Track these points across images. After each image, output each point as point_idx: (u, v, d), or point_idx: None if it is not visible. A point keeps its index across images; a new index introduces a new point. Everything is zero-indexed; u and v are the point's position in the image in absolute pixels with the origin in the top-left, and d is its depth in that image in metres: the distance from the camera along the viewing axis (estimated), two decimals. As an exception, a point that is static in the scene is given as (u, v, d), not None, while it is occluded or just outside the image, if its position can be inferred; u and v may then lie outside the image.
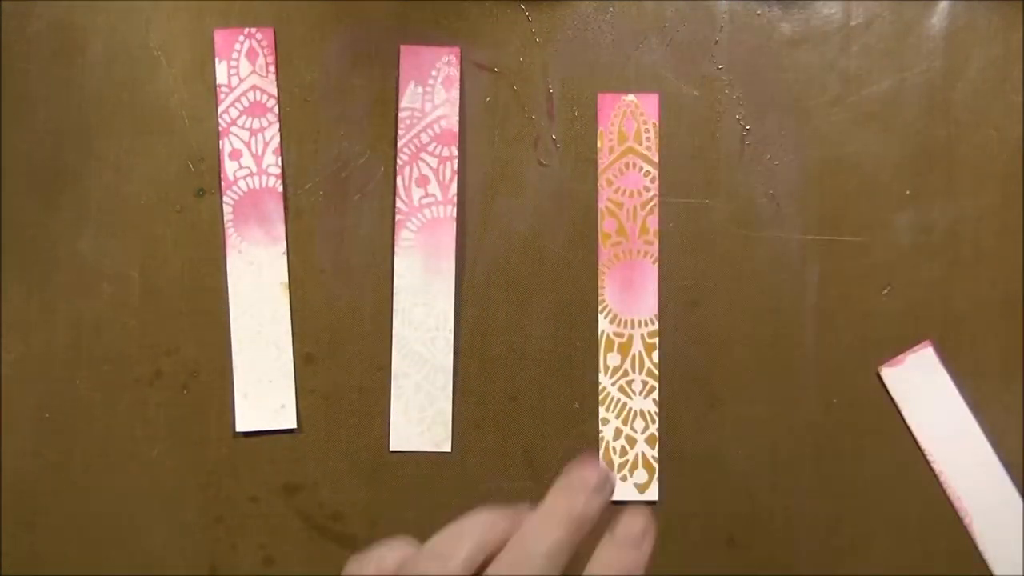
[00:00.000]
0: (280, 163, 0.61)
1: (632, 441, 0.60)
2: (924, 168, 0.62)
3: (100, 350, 0.61)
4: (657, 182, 0.61)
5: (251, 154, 0.61)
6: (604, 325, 0.61)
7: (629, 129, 0.62)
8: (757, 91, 0.62)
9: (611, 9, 0.63)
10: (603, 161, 0.62)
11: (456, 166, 0.58)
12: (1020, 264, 0.61)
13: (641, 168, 0.61)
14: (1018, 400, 0.60)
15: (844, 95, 0.62)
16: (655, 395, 0.60)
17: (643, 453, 0.60)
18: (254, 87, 0.62)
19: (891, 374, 0.60)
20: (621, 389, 0.60)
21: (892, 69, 0.62)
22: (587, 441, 0.60)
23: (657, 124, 0.62)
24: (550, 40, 0.62)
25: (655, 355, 0.60)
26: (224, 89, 0.62)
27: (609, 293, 0.61)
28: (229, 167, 0.61)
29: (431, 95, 0.55)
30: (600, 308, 0.61)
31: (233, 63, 0.62)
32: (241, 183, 0.61)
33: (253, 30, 0.62)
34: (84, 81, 0.62)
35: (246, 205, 0.61)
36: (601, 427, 0.60)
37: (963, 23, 0.62)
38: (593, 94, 0.62)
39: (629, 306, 0.61)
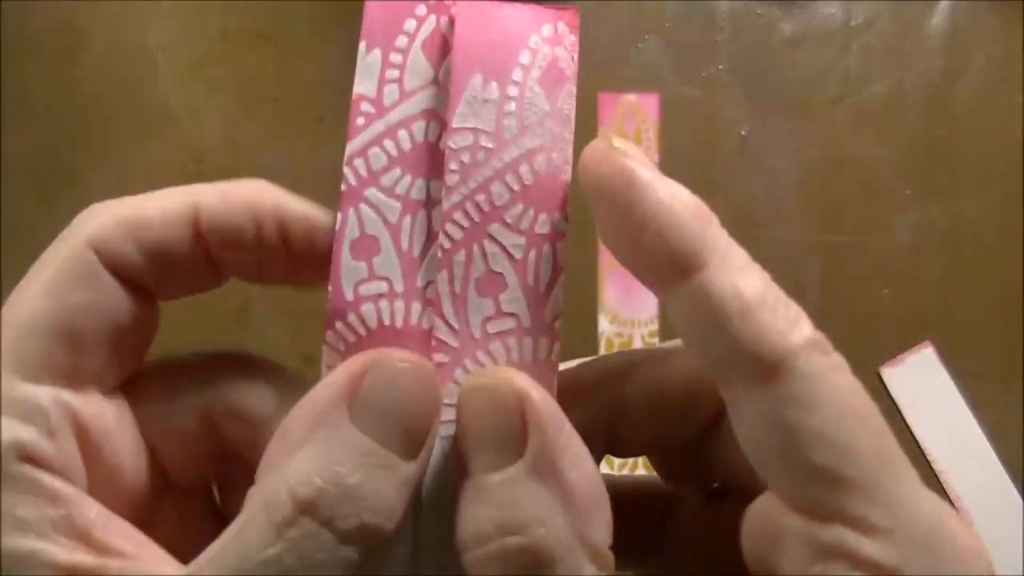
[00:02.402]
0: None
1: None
2: (924, 168, 0.62)
3: (100, 350, 0.61)
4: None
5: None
6: (604, 325, 0.61)
7: (629, 129, 0.62)
8: (757, 91, 0.62)
9: (611, 9, 0.63)
10: (603, 161, 0.62)
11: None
12: (1020, 264, 0.61)
13: (641, 168, 0.62)
14: (1018, 400, 0.60)
15: (844, 95, 0.62)
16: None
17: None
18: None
19: (891, 374, 0.60)
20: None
21: (892, 69, 0.62)
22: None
23: (657, 124, 0.62)
24: (550, 40, 0.62)
25: (655, 355, 0.61)
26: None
27: (609, 294, 0.61)
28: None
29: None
30: (600, 308, 0.61)
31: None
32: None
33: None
34: (84, 81, 0.62)
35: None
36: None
37: (963, 23, 0.62)
38: (593, 94, 0.62)
39: (629, 306, 0.61)
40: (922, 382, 0.60)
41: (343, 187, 0.20)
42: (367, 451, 0.18)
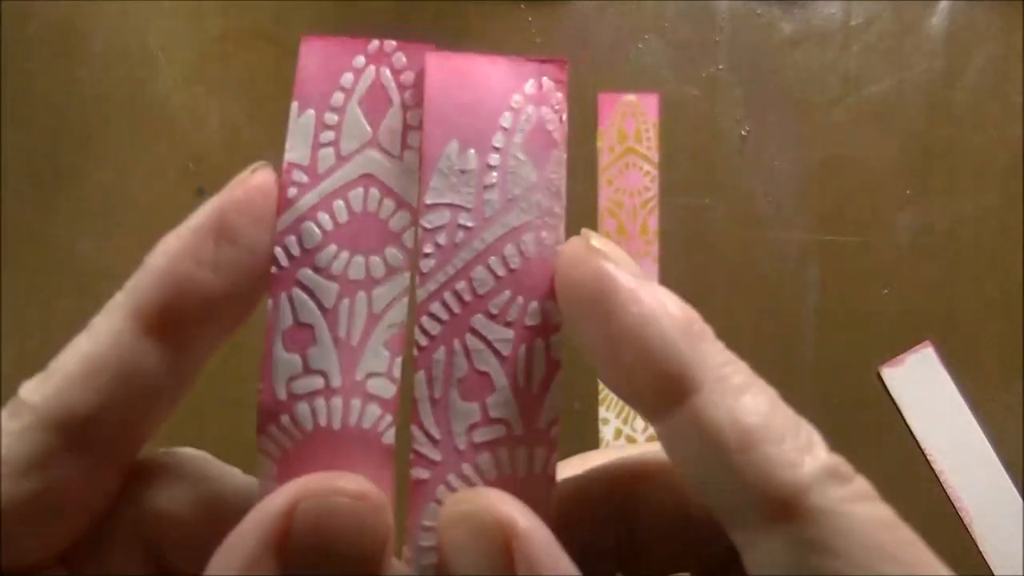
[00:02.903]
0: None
1: (632, 441, 0.60)
2: (924, 168, 0.62)
3: (100, 350, 0.61)
4: (657, 182, 0.61)
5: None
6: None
7: (629, 129, 0.62)
8: (757, 91, 0.62)
9: (611, 9, 0.63)
10: (603, 161, 0.62)
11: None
12: (1020, 264, 0.61)
13: (641, 168, 0.61)
14: (1018, 400, 0.60)
15: (844, 95, 0.62)
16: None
17: (643, 453, 0.60)
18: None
19: (891, 374, 0.60)
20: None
21: (892, 69, 0.62)
22: (588, 441, 0.60)
23: (657, 124, 0.62)
24: (550, 40, 0.62)
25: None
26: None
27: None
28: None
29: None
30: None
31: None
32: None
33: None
34: (84, 81, 0.62)
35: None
36: (601, 427, 0.60)
37: (963, 23, 0.62)
38: (593, 94, 0.62)
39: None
40: (922, 382, 0.60)
41: (273, 270, 0.18)
42: None
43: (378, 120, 0.18)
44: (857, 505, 0.15)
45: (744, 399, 0.16)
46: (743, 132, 0.62)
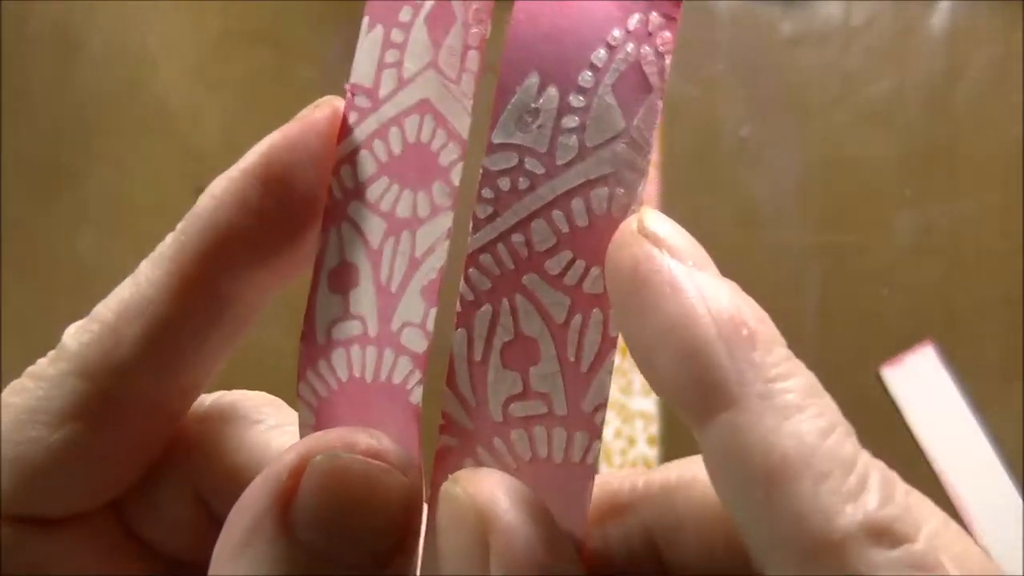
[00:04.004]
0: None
1: (632, 441, 0.60)
2: (924, 168, 0.62)
3: (100, 350, 0.61)
4: (657, 182, 0.61)
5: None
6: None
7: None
8: (757, 91, 0.62)
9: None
10: (603, 161, 0.62)
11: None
12: (1020, 264, 0.61)
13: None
14: (1018, 400, 0.60)
15: (844, 95, 0.62)
16: (655, 396, 0.60)
17: (643, 453, 0.60)
18: None
19: (891, 374, 0.60)
20: (621, 389, 0.60)
21: (892, 69, 0.62)
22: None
23: (657, 124, 0.62)
24: (550, 40, 0.62)
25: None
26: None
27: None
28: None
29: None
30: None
31: None
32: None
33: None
34: (84, 81, 0.62)
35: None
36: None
37: (963, 23, 0.62)
38: (593, 94, 0.62)
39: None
40: (922, 382, 0.60)
41: (328, 201, 0.16)
42: (300, 568, 0.14)
43: (440, 38, 0.16)
44: None
45: (786, 424, 0.13)
46: (743, 132, 0.62)
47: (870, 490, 0.13)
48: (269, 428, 0.18)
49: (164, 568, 0.19)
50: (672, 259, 0.14)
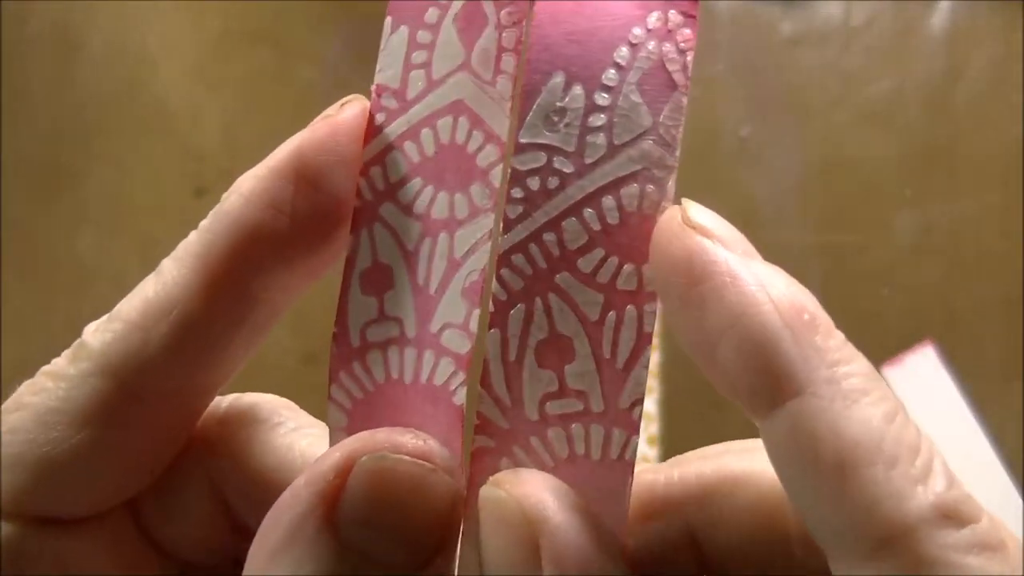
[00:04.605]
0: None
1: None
2: (924, 168, 0.62)
3: (100, 350, 0.61)
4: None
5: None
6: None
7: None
8: (757, 91, 0.62)
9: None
10: (603, 161, 0.62)
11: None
12: (1020, 264, 0.61)
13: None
14: (1018, 400, 0.60)
15: (844, 95, 0.62)
16: (655, 395, 0.60)
17: (643, 453, 0.60)
18: None
19: (891, 374, 0.60)
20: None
21: (892, 69, 0.62)
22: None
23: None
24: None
25: (655, 355, 0.60)
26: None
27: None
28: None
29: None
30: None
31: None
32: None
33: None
34: (84, 81, 0.62)
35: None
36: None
37: (963, 23, 0.62)
38: (593, 94, 0.62)
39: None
40: (922, 382, 0.60)
41: (357, 203, 0.16)
42: (345, 569, 0.14)
43: (472, 40, 0.16)
44: (972, 556, 0.13)
45: (854, 409, 0.13)
46: (743, 132, 0.62)
47: (936, 473, 0.14)
48: (291, 431, 0.18)
49: (177, 570, 0.19)
50: (726, 250, 0.14)
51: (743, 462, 0.17)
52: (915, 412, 0.60)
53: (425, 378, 0.16)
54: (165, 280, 0.17)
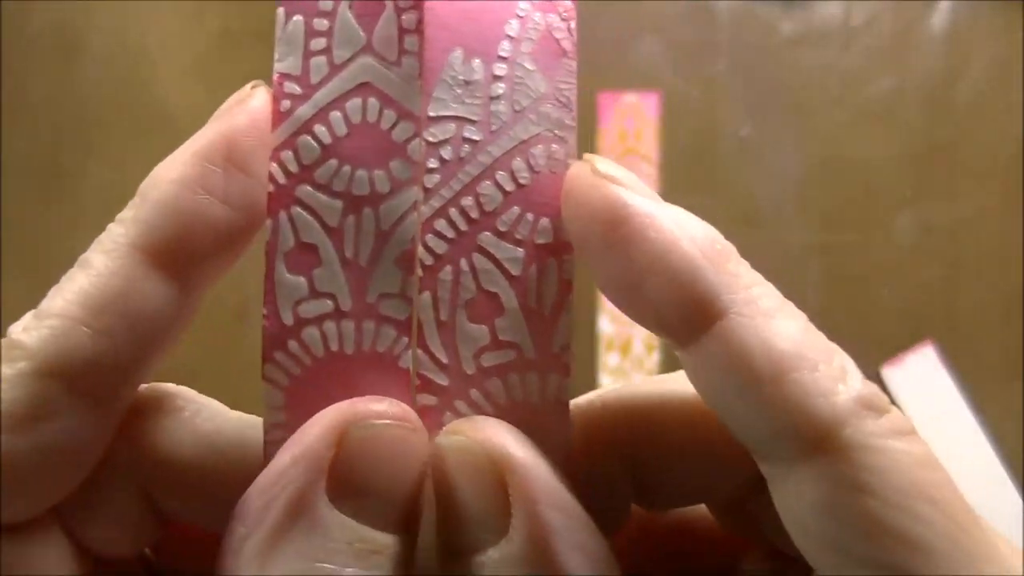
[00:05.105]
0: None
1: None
2: (924, 168, 0.62)
3: (100, 350, 0.61)
4: (657, 182, 0.61)
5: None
6: (604, 325, 0.61)
7: (629, 129, 0.62)
8: (757, 91, 0.62)
9: (611, 9, 0.63)
10: (603, 161, 0.62)
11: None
12: (1020, 264, 0.61)
13: (641, 168, 0.61)
14: (1018, 400, 0.60)
15: (844, 95, 0.62)
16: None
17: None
18: None
19: (892, 374, 0.60)
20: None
21: (892, 69, 0.62)
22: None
23: (657, 124, 0.62)
24: (550, 40, 0.62)
25: (655, 355, 0.60)
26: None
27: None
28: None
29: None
30: (600, 308, 0.61)
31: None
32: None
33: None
34: (84, 81, 0.62)
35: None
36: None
37: (963, 23, 0.62)
38: (593, 94, 0.62)
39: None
40: (922, 382, 0.60)
41: (270, 188, 0.17)
42: (355, 537, 0.15)
43: (372, 24, 0.17)
44: (893, 440, 0.14)
45: (775, 323, 0.15)
46: (743, 132, 0.62)
47: (851, 372, 0.15)
48: (211, 416, 0.18)
49: (104, 570, 0.18)
50: (638, 195, 0.16)
51: (661, 387, 0.18)
52: (915, 412, 0.60)
53: (368, 347, 0.17)
54: (100, 272, 0.17)
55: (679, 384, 0.18)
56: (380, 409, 0.16)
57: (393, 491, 0.15)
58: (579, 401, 0.19)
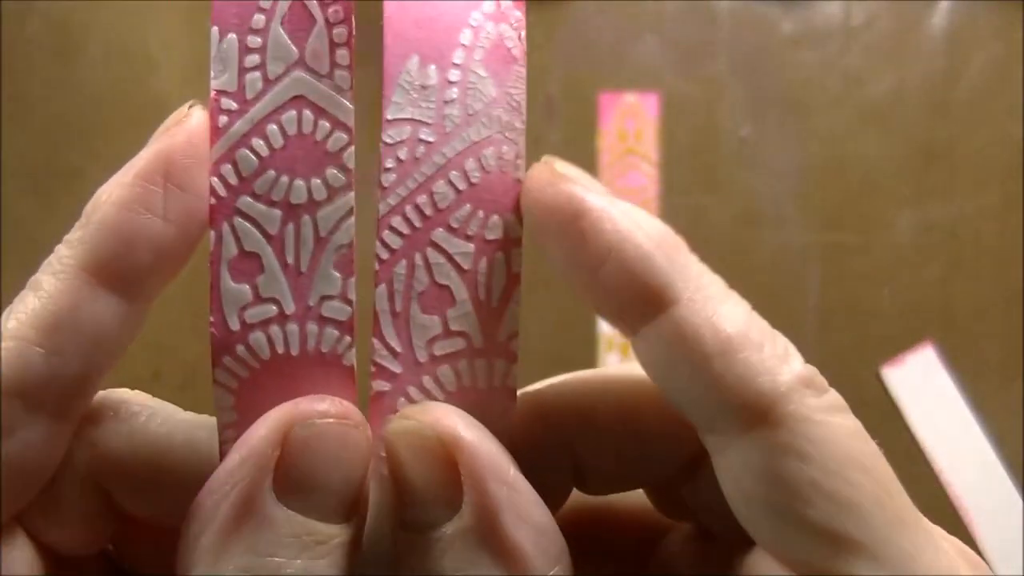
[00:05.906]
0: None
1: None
2: (924, 168, 0.62)
3: (100, 350, 0.61)
4: (657, 182, 0.61)
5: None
6: (604, 325, 0.61)
7: (629, 129, 0.62)
8: (757, 91, 0.62)
9: (611, 9, 0.63)
10: (603, 161, 0.62)
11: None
12: (1020, 264, 0.61)
13: (641, 168, 0.62)
14: (1018, 400, 0.60)
15: (844, 95, 0.62)
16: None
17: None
18: None
19: (892, 374, 0.60)
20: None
21: (892, 69, 0.62)
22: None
23: (657, 124, 0.62)
24: (550, 40, 0.62)
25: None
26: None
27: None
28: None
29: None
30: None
31: None
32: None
33: None
34: (84, 81, 0.62)
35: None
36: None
37: (963, 23, 0.62)
38: (593, 94, 0.62)
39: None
40: (922, 382, 0.60)
41: (212, 201, 0.18)
42: (301, 531, 0.16)
43: (303, 39, 0.18)
44: (831, 415, 0.16)
45: (723, 308, 0.16)
46: (743, 132, 0.62)
47: (793, 354, 0.16)
48: (165, 419, 0.19)
49: (67, 567, 0.19)
50: (593, 192, 0.17)
51: (604, 376, 0.20)
52: (915, 412, 0.60)
53: (312, 347, 0.18)
54: (50, 294, 0.18)
55: (621, 374, 0.20)
56: (322, 408, 0.16)
57: (337, 484, 0.16)
58: (528, 389, 0.20)
